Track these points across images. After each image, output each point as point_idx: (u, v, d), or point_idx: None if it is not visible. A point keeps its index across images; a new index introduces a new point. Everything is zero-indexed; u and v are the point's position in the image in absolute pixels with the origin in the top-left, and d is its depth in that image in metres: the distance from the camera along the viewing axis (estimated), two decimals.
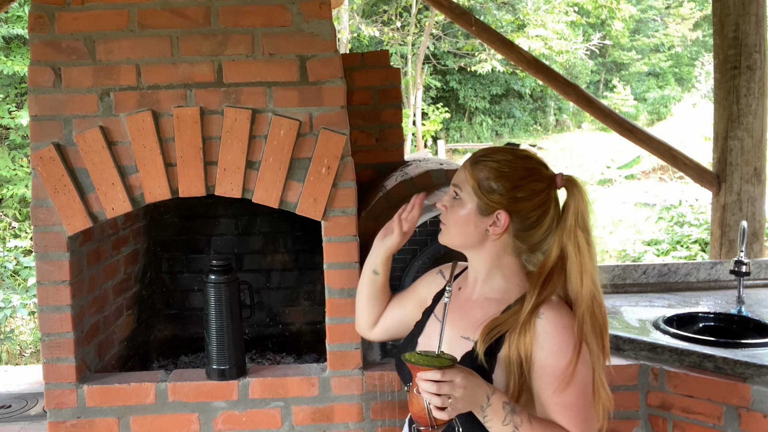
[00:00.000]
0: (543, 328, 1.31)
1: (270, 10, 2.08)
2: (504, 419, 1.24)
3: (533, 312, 1.32)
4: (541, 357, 1.30)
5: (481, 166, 1.38)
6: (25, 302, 5.89)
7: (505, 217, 1.36)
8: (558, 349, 1.30)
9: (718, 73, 4.11)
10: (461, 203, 1.39)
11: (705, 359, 2.09)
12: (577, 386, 1.29)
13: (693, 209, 8.79)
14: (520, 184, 1.36)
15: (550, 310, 1.33)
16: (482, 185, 1.37)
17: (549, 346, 1.30)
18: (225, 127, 2.08)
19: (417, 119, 17.18)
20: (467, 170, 1.40)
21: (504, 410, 1.25)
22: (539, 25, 16.77)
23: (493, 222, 1.37)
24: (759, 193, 4.09)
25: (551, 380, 1.29)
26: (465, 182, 1.39)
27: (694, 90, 21.46)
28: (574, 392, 1.29)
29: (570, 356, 1.29)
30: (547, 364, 1.30)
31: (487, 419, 1.25)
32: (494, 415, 1.24)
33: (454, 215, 1.40)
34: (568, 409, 1.29)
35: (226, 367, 2.17)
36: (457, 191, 1.40)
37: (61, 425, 2.14)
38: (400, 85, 2.85)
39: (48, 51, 2.06)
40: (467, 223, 1.39)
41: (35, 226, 2.10)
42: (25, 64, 9.36)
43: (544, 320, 1.32)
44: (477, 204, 1.38)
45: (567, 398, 1.29)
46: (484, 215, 1.37)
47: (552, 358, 1.30)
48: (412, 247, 2.27)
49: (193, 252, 2.93)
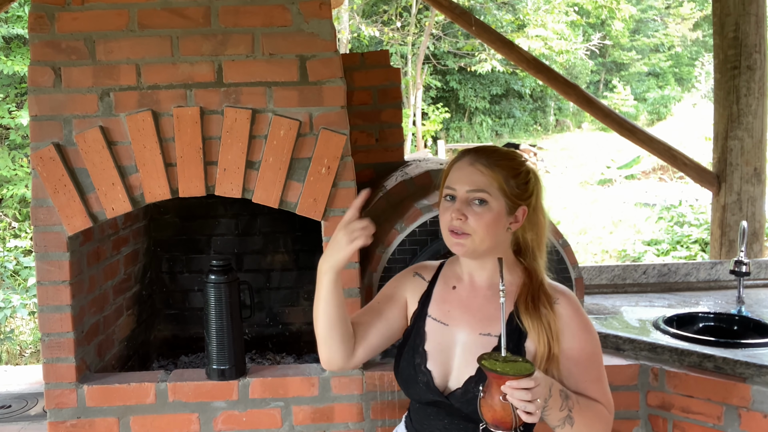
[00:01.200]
0: (563, 312, 1.39)
1: (270, 10, 2.08)
2: (561, 406, 1.32)
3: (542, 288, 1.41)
4: (566, 340, 1.38)
5: (496, 168, 1.40)
6: (25, 302, 5.89)
7: (524, 211, 1.42)
8: (579, 330, 1.40)
9: (718, 73, 4.11)
10: (488, 208, 1.38)
11: (705, 359, 2.09)
12: (597, 360, 1.42)
13: (693, 209, 8.79)
14: (527, 180, 1.43)
15: (563, 295, 1.42)
16: (508, 185, 1.39)
17: (571, 328, 1.39)
18: (225, 127, 2.08)
19: (417, 119, 17.18)
20: (487, 174, 1.39)
21: (560, 397, 1.33)
22: (539, 25, 16.78)
23: (515, 218, 1.42)
24: (759, 193, 4.09)
25: (579, 359, 1.39)
26: (490, 185, 1.39)
27: (694, 90, 21.47)
28: (596, 366, 1.42)
29: (589, 335, 1.41)
30: (573, 346, 1.39)
31: (547, 409, 1.31)
32: (554, 404, 1.31)
33: (484, 220, 1.38)
34: (595, 383, 1.40)
35: (226, 367, 2.17)
36: (484, 197, 1.38)
37: (61, 425, 2.14)
38: (400, 85, 2.85)
39: (48, 51, 2.06)
40: (498, 225, 1.40)
41: (35, 226, 2.10)
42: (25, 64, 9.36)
43: (562, 305, 1.40)
44: (505, 204, 1.40)
45: (594, 373, 1.41)
46: (510, 214, 1.41)
47: (576, 340, 1.39)
48: (412, 247, 2.27)
49: (193, 252, 2.93)
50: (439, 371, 1.42)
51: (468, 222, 1.37)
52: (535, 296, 1.40)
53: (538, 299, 1.39)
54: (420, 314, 1.51)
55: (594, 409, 1.38)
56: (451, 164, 1.45)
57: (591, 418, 1.37)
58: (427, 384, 1.42)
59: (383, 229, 2.34)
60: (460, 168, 1.42)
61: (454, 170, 1.43)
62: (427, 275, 1.55)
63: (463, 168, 1.41)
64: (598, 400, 1.40)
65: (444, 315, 1.47)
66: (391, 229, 2.27)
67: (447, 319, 1.46)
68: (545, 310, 1.38)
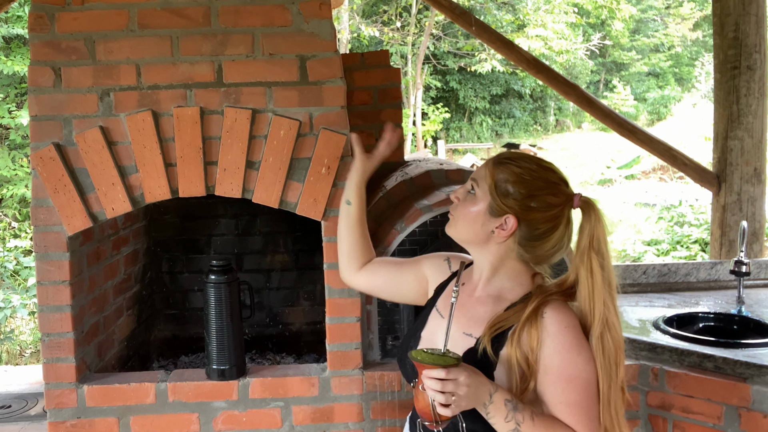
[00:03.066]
0: (547, 328, 1.32)
1: (270, 10, 2.08)
2: (506, 416, 1.27)
3: (537, 310, 1.34)
4: (545, 356, 1.31)
5: (503, 167, 1.39)
6: (25, 302, 5.89)
7: (513, 222, 1.37)
8: (561, 349, 1.32)
9: (718, 73, 4.11)
10: (474, 199, 1.40)
11: (705, 359, 2.09)
12: (581, 385, 1.31)
13: (693, 209, 8.78)
14: (536, 195, 1.37)
15: (554, 309, 1.34)
16: (499, 186, 1.38)
17: (553, 345, 1.31)
18: (225, 127, 2.08)
19: (417, 119, 17.18)
20: (488, 168, 1.40)
21: (506, 407, 1.27)
22: (539, 25, 16.77)
23: (501, 225, 1.38)
24: (759, 193, 4.09)
25: (555, 379, 1.31)
26: (483, 179, 1.40)
27: (694, 90, 21.45)
28: (578, 391, 1.31)
29: (574, 356, 1.31)
30: (551, 363, 1.31)
31: (490, 416, 1.28)
32: (496, 413, 1.27)
33: (465, 209, 1.41)
34: (571, 408, 1.31)
35: (226, 367, 2.17)
36: (473, 186, 1.41)
37: (61, 425, 2.14)
38: (400, 85, 2.85)
39: (48, 51, 2.06)
40: (475, 221, 1.40)
41: (35, 226, 2.10)
42: (25, 64, 9.36)
43: (548, 319, 1.33)
44: (489, 203, 1.38)
45: (571, 397, 1.31)
46: (494, 216, 1.38)
47: (556, 358, 1.31)
48: (412, 247, 2.27)
49: (193, 252, 2.93)
50: None
51: (457, 205, 1.44)
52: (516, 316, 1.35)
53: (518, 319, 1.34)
54: (431, 302, 1.54)
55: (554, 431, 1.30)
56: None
57: None
58: (412, 367, 1.42)
59: (383, 229, 2.34)
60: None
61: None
62: (454, 266, 1.57)
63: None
64: (571, 426, 1.30)
65: (444, 308, 1.49)
66: (391, 229, 2.27)
67: (445, 311, 1.48)
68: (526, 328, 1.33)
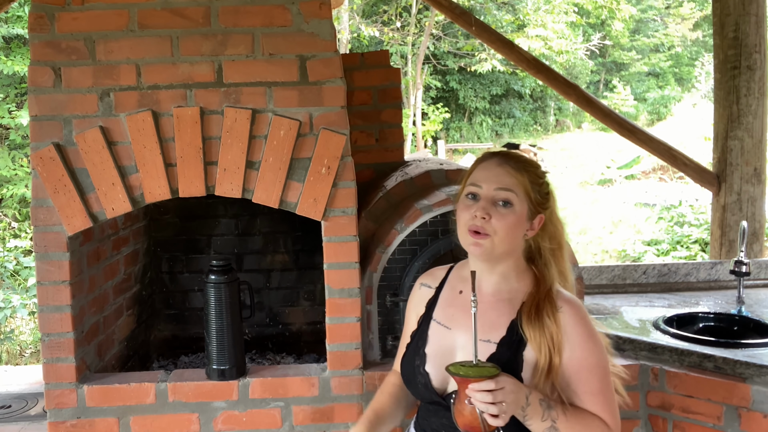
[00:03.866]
0: (565, 321, 1.36)
1: (270, 10, 2.08)
2: (542, 416, 1.31)
3: (552, 303, 1.37)
4: (568, 349, 1.35)
5: (523, 171, 1.40)
6: (25, 302, 5.89)
7: (540, 219, 1.42)
8: (581, 340, 1.36)
9: (718, 73, 4.11)
10: (513, 210, 1.38)
11: (705, 359, 2.09)
12: (600, 372, 1.37)
13: (693, 209, 8.79)
14: (548, 189, 1.44)
15: (567, 303, 1.39)
16: (532, 190, 1.40)
17: (572, 337, 1.36)
18: (225, 127, 2.08)
19: (417, 119, 17.18)
20: (515, 176, 1.39)
21: (541, 407, 1.31)
22: (539, 25, 16.77)
23: (531, 226, 1.41)
24: (759, 193, 4.09)
25: (578, 370, 1.36)
26: (517, 187, 1.39)
27: (694, 90, 21.46)
28: (599, 379, 1.37)
29: (592, 346, 1.37)
30: (573, 355, 1.36)
31: (527, 418, 1.31)
32: (534, 414, 1.30)
33: (506, 222, 1.37)
34: (595, 396, 1.36)
35: (226, 367, 2.17)
36: (510, 198, 1.38)
37: (61, 425, 2.14)
38: (400, 85, 2.85)
39: (48, 51, 2.06)
40: (518, 229, 1.39)
41: (35, 226, 2.10)
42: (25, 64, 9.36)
43: (565, 314, 1.37)
44: (527, 209, 1.40)
45: (594, 386, 1.36)
46: (529, 220, 1.41)
47: (577, 350, 1.36)
48: (412, 247, 2.27)
49: (193, 252, 2.93)
50: (437, 373, 1.43)
51: (491, 222, 1.36)
52: (540, 306, 1.37)
53: (542, 309, 1.37)
54: (426, 317, 1.52)
55: (586, 422, 1.35)
56: (477, 163, 1.45)
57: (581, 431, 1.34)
58: (425, 385, 1.44)
59: (383, 229, 2.34)
60: (487, 167, 1.41)
61: (480, 169, 1.42)
62: (433, 282, 1.56)
63: (491, 168, 1.41)
64: (597, 414, 1.36)
65: (448, 319, 1.47)
66: (391, 229, 2.27)
67: (450, 322, 1.46)
68: (549, 320, 1.35)
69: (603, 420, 1.36)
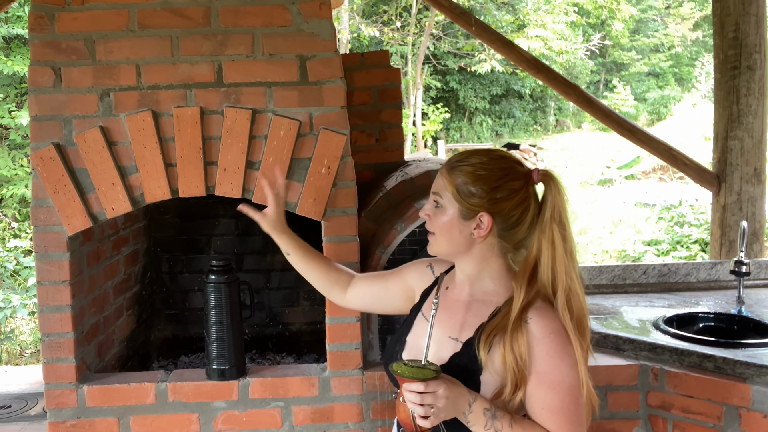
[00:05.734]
0: (533, 333, 1.32)
1: (270, 10, 2.08)
2: (485, 424, 1.30)
3: (522, 313, 1.33)
4: (531, 362, 1.31)
5: (457, 171, 1.39)
6: (25, 302, 5.89)
7: (488, 219, 1.38)
8: (546, 354, 1.31)
9: (718, 73, 4.11)
10: (443, 210, 1.41)
11: (705, 359, 2.09)
12: (563, 391, 1.31)
13: (693, 209, 8.79)
14: (498, 185, 1.37)
15: (538, 315, 1.33)
16: (461, 190, 1.38)
17: (537, 350, 1.31)
18: (225, 127, 2.08)
19: (417, 119, 17.18)
20: (444, 177, 1.41)
21: (485, 416, 1.30)
22: (539, 26, 16.77)
23: (477, 225, 1.38)
24: (759, 193, 4.09)
25: (538, 384, 1.31)
26: (444, 189, 1.40)
27: (694, 90, 21.45)
28: (560, 397, 1.31)
29: (558, 362, 1.31)
30: (535, 369, 1.31)
31: (470, 424, 1.31)
32: (476, 421, 1.30)
33: (438, 223, 1.41)
34: (554, 414, 1.31)
35: (226, 367, 2.17)
36: (437, 200, 1.42)
37: (61, 425, 2.14)
38: (400, 85, 2.85)
39: (48, 51, 2.06)
40: (452, 229, 1.40)
41: (35, 226, 2.10)
42: (25, 64, 9.36)
43: (532, 325, 1.32)
44: (458, 209, 1.39)
45: (553, 403, 1.31)
46: (467, 219, 1.39)
47: (541, 363, 1.31)
48: (412, 247, 2.27)
49: (193, 252, 2.93)
50: None
51: (430, 221, 1.44)
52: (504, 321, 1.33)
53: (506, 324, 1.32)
54: (416, 307, 1.55)
55: None
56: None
57: None
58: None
59: (383, 229, 2.34)
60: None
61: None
62: (438, 270, 1.57)
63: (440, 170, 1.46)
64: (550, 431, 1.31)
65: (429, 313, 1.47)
66: (391, 229, 2.27)
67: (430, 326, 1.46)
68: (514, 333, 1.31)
69: None
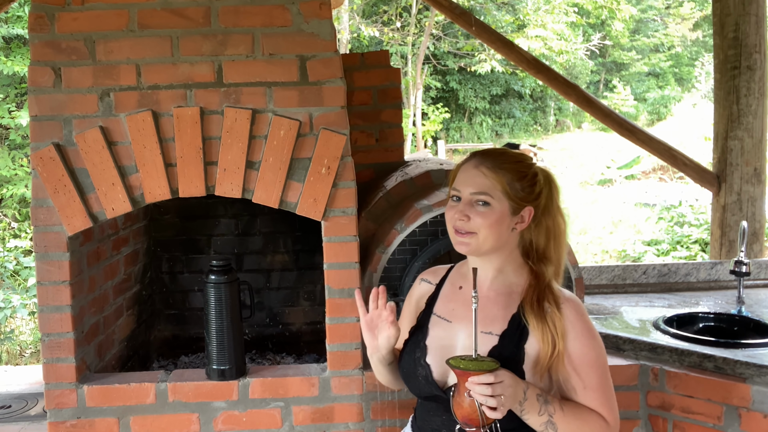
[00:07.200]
0: (567, 316, 1.39)
1: (270, 10, 2.08)
2: (539, 410, 1.34)
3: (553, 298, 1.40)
4: (569, 340, 1.38)
5: (502, 171, 1.43)
6: (25, 302, 5.89)
7: (530, 212, 1.44)
8: (581, 336, 1.39)
9: (718, 73, 4.11)
10: (492, 209, 1.42)
11: (705, 359, 2.09)
12: (600, 368, 1.40)
13: (693, 209, 8.79)
14: (535, 181, 1.44)
15: (567, 300, 1.42)
16: (511, 188, 1.42)
17: (574, 332, 1.39)
18: (225, 127, 2.08)
19: (417, 119, 17.18)
20: (491, 177, 1.42)
21: (539, 402, 1.34)
22: (539, 26, 16.76)
23: (520, 219, 1.44)
24: (759, 193, 4.10)
25: (578, 365, 1.38)
26: (493, 188, 1.42)
27: (694, 90, 21.45)
28: (598, 375, 1.39)
29: (593, 341, 1.40)
30: (575, 348, 1.38)
31: (524, 412, 1.33)
32: (531, 408, 1.33)
33: (487, 221, 1.41)
34: (594, 392, 1.38)
35: (226, 367, 2.17)
36: (486, 199, 1.42)
37: (61, 425, 2.14)
38: (400, 86, 2.85)
39: (48, 51, 2.06)
40: (501, 225, 1.42)
41: (35, 226, 2.10)
42: (25, 64, 9.36)
43: (567, 308, 1.40)
44: (509, 206, 1.42)
45: (593, 381, 1.39)
46: (515, 215, 1.43)
47: (576, 344, 1.38)
48: (412, 247, 2.27)
49: (193, 252, 2.93)
50: (438, 366, 1.45)
51: (471, 221, 1.42)
52: (541, 296, 1.41)
53: (543, 299, 1.40)
54: (426, 313, 1.55)
55: (583, 417, 1.37)
56: (459, 166, 1.50)
57: (578, 426, 1.36)
58: (425, 378, 1.45)
59: (383, 229, 2.34)
60: (465, 170, 1.46)
61: (461, 173, 1.47)
62: (434, 279, 1.59)
63: (468, 170, 1.46)
64: (595, 409, 1.38)
65: (448, 313, 1.50)
66: (391, 229, 2.27)
67: (451, 316, 1.49)
68: (550, 309, 1.39)
69: (601, 415, 1.38)
